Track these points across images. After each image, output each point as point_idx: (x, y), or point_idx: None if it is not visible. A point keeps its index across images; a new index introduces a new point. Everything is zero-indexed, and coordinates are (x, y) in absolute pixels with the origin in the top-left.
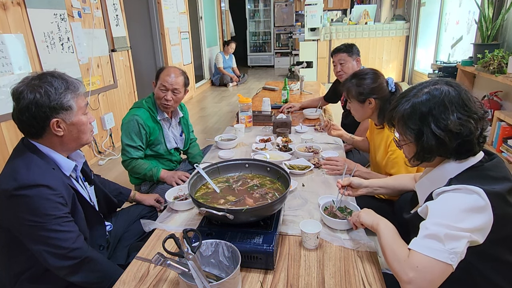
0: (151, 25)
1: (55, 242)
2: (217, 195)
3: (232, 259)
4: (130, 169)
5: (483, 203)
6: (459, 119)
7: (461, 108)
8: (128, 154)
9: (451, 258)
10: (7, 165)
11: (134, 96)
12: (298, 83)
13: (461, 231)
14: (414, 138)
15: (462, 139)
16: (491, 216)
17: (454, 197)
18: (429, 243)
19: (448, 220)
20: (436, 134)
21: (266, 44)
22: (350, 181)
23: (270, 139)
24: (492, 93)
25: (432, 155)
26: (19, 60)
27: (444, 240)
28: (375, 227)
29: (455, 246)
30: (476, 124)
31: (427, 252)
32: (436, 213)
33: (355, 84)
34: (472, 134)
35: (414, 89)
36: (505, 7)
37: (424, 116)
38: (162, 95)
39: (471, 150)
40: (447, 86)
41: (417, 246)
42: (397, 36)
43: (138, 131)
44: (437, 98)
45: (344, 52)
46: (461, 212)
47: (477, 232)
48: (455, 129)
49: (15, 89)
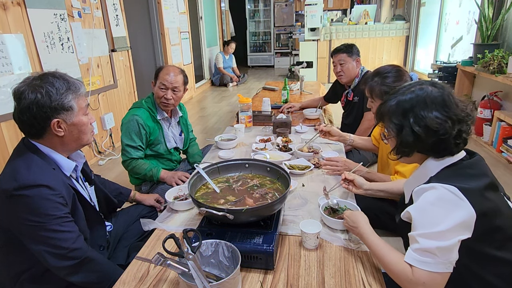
0: (151, 25)
1: (55, 242)
2: (217, 195)
3: (232, 259)
4: (131, 169)
5: (459, 201)
6: (437, 118)
7: (441, 108)
8: (128, 154)
9: (448, 266)
10: (8, 165)
11: (134, 96)
12: (298, 83)
13: (449, 240)
14: (396, 133)
15: (438, 137)
16: (471, 210)
17: (432, 201)
18: (426, 258)
19: (434, 230)
20: (414, 130)
21: (266, 44)
22: (354, 178)
23: (270, 139)
24: (492, 93)
25: (410, 149)
26: (19, 60)
27: (438, 253)
28: (361, 238)
29: (449, 256)
30: (453, 125)
31: (428, 267)
32: (420, 223)
33: (379, 83)
34: (448, 133)
35: (403, 88)
36: (505, 7)
37: (406, 112)
38: (162, 94)
39: (447, 149)
40: (431, 86)
41: (416, 262)
42: (397, 36)
43: (138, 131)
44: (420, 96)
45: (344, 53)
46: (443, 217)
47: (463, 229)
48: (432, 127)
49: (17, 89)
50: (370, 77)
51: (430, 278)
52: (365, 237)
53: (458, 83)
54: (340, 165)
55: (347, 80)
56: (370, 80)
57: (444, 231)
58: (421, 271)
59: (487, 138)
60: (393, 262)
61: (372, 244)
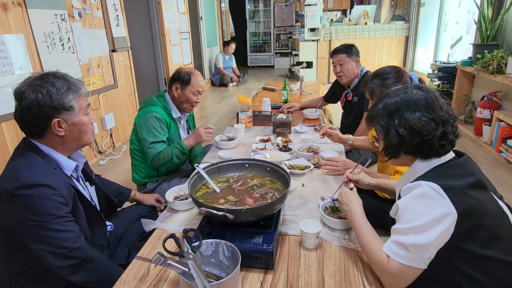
0: (151, 25)
1: (56, 241)
2: (217, 195)
3: (232, 258)
4: (161, 162)
5: (440, 198)
6: (420, 119)
7: (424, 109)
8: (154, 150)
9: (420, 263)
10: (9, 164)
11: (135, 96)
12: (298, 83)
13: (425, 236)
14: (383, 135)
15: (421, 138)
16: (452, 208)
17: (414, 197)
18: (401, 251)
19: (412, 225)
20: (398, 132)
21: (266, 44)
22: (359, 178)
23: (270, 139)
24: (492, 93)
25: (397, 151)
26: (19, 60)
27: (411, 249)
28: (350, 218)
29: (422, 253)
30: (436, 126)
31: (401, 260)
32: (401, 217)
33: (379, 84)
34: (431, 134)
35: (390, 92)
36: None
37: (391, 114)
38: (194, 98)
39: (431, 150)
40: (416, 90)
41: (392, 254)
42: (396, 36)
43: (160, 125)
44: (404, 99)
45: (343, 53)
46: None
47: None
48: (415, 127)
49: (18, 89)
50: (370, 79)
51: (401, 271)
52: (354, 219)
53: (457, 83)
54: (340, 165)
55: (346, 80)
56: (370, 82)
57: (420, 225)
58: (395, 262)
59: (487, 138)
60: (373, 250)
61: (359, 228)
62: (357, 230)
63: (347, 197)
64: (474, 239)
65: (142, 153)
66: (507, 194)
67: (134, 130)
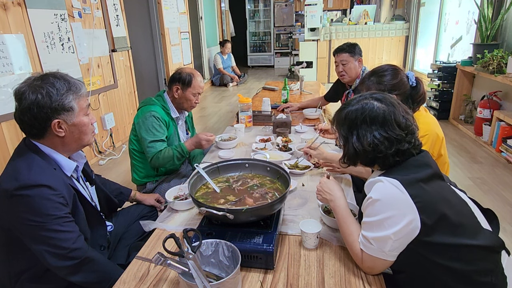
0: (151, 25)
1: (56, 242)
2: (217, 195)
3: (232, 258)
4: (161, 161)
5: (400, 194)
6: (374, 138)
7: (380, 126)
8: (154, 149)
9: (384, 255)
10: (9, 165)
11: (135, 96)
12: (298, 83)
13: (384, 230)
14: (343, 143)
15: (374, 155)
16: (411, 204)
17: (376, 193)
18: (367, 243)
19: (373, 219)
20: (354, 146)
21: (266, 44)
22: (318, 150)
23: (270, 139)
24: (492, 93)
25: (353, 162)
26: (19, 60)
27: (373, 243)
28: (334, 208)
29: (382, 246)
30: (390, 145)
31: (369, 251)
32: (365, 212)
33: (375, 81)
34: (383, 153)
35: (354, 99)
36: (505, 7)
37: (351, 127)
38: (194, 98)
39: (385, 164)
40: (377, 102)
41: (362, 246)
42: (396, 36)
43: (159, 124)
44: (365, 111)
45: (346, 52)
46: (383, 208)
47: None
48: (367, 148)
49: (18, 89)
50: (366, 77)
51: (372, 262)
52: (337, 210)
53: (457, 83)
54: (338, 166)
55: (348, 80)
56: (367, 80)
57: (379, 220)
58: (366, 254)
59: (487, 138)
60: (354, 242)
61: (342, 219)
62: (340, 222)
63: (328, 186)
64: (439, 231)
65: (141, 153)
66: (507, 194)
67: (133, 130)
